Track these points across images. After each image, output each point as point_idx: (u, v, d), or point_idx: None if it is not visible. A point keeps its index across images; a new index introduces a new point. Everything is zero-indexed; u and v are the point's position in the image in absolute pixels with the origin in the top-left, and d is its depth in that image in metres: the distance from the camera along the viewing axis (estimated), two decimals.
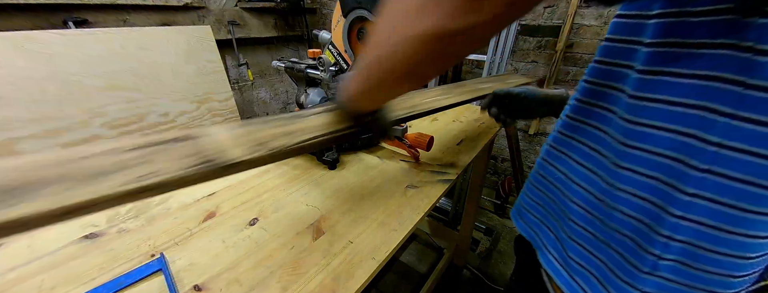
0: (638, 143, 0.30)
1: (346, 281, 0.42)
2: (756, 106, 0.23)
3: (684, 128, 0.27)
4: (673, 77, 0.27)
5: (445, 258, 1.31)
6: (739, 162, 0.25)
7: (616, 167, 0.32)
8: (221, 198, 0.59)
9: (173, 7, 1.59)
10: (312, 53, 0.70)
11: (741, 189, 0.25)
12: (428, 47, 0.21)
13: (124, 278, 0.42)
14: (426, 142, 0.69)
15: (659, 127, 0.29)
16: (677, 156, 0.28)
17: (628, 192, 0.32)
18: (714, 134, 0.25)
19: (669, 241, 0.30)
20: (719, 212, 0.27)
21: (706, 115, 0.26)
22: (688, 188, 0.27)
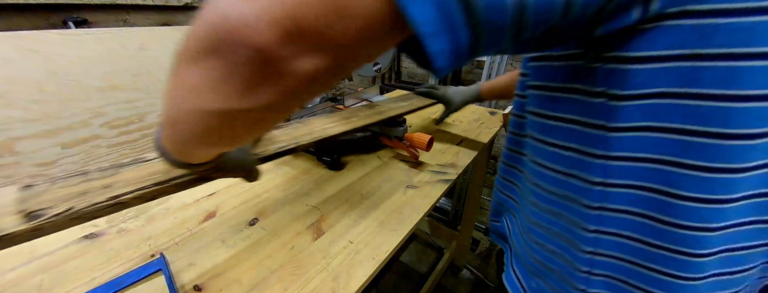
0: (538, 181, 0.32)
1: (346, 281, 0.42)
2: (623, 146, 0.24)
3: (567, 168, 0.28)
4: (549, 120, 0.28)
5: (445, 258, 1.31)
6: (624, 196, 0.25)
7: (527, 202, 0.34)
8: (221, 198, 0.59)
9: (173, 7, 1.59)
10: None
11: (639, 222, 0.26)
12: (211, 122, 0.18)
13: (124, 278, 0.42)
14: (426, 142, 0.69)
15: (549, 168, 0.30)
16: (567, 194, 0.28)
17: (541, 226, 0.33)
18: (595, 174, 0.26)
19: (589, 276, 0.30)
20: (626, 246, 0.27)
21: (582, 157, 0.26)
22: (590, 226, 0.28)
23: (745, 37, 0.18)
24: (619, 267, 0.28)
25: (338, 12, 0.13)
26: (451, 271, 1.43)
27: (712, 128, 0.20)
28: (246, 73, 0.14)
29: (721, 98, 0.19)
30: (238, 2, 0.13)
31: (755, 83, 0.19)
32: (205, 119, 0.18)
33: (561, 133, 0.27)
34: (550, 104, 0.27)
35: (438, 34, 0.14)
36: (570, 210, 0.29)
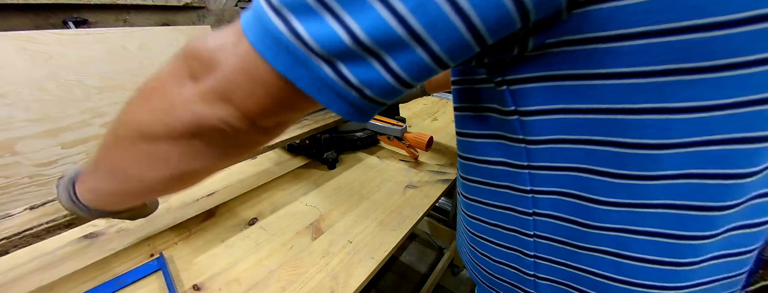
0: (474, 197, 0.33)
1: (346, 280, 0.42)
2: (542, 157, 0.25)
3: (499, 181, 0.29)
4: (476, 138, 0.29)
5: (445, 258, 1.31)
6: (550, 202, 0.27)
7: (467, 218, 0.36)
8: (221, 198, 0.59)
9: (173, 7, 1.59)
10: None
11: (566, 226, 0.27)
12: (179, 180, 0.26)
13: (123, 277, 0.42)
14: (425, 142, 0.69)
15: (482, 182, 0.31)
16: (504, 204, 0.30)
17: (484, 239, 0.34)
18: (524, 183, 0.27)
19: (536, 280, 0.31)
20: (558, 249, 0.28)
21: (511, 169, 0.27)
22: (529, 231, 0.29)
23: (632, 60, 0.18)
24: (558, 271, 0.29)
25: (278, 113, 0.21)
26: (451, 271, 1.43)
27: (614, 137, 0.21)
28: (211, 136, 0.22)
29: (616, 111, 0.21)
30: (214, 109, 0.20)
31: (644, 98, 0.20)
32: (166, 152, 0.23)
33: (489, 149, 0.28)
34: (476, 124, 0.29)
35: (346, 111, 0.20)
36: (509, 219, 0.30)
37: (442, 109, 1.10)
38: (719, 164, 0.21)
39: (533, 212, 0.28)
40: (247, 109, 0.20)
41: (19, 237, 0.36)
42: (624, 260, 0.25)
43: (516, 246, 0.31)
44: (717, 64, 0.17)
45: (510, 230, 0.30)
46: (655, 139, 0.20)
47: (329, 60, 0.18)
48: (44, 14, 1.26)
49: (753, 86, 0.18)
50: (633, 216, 0.24)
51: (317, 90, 0.19)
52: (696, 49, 0.17)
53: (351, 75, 0.18)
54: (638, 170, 0.22)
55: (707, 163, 0.21)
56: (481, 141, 0.29)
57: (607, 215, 0.24)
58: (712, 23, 0.16)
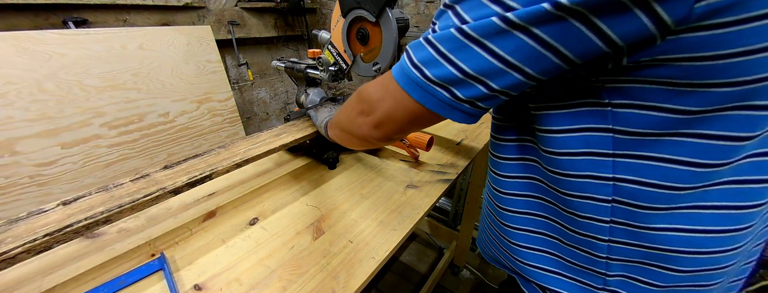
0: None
1: (346, 280, 0.42)
2: (626, 147, 0.30)
3: (580, 171, 0.32)
4: (555, 134, 0.33)
5: (445, 258, 1.31)
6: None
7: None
8: (221, 198, 0.59)
9: (173, 7, 1.59)
10: (312, 53, 0.70)
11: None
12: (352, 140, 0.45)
13: (124, 277, 0.42)
14: (425, 142, 0.69)
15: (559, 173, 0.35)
16: (584, 194, 0.33)
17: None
18: (607, 171, 0.31)
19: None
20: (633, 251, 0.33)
21: (594, 158, 0.31)
22: (604, 236, 0.33)
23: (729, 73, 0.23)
24: (630, 251, 0.33)
25: (407, 130, 0.37)
26: (451, 271, 1.43)
27: (702, 130, 0.26)
28: (367, 141, 0.41)
29: (702, 112, 0.26)
30: (370, 131, 0.38)
31: (730, 100, 0.25)
32: (347, 138, 0.47)
33: (574, 141, 0.32)
34: (561, 120, 0.32)
35: (462, 118, 0.31)
36: (586, 207, 0.33)
37: None
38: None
39: (613, 199, 0.31)
40: (388, 132, 0.37)
41: (62, 233, 0.37)
42: (694, 234, 0.29)
43: (590, 232, 0.33)
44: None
45: (584, 217, 0.33)
46: (740, 132, 0.25)
47: (445, 87, 0.28)
48: (44, 14, 1.26)
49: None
50: (703, 194, 0.28)
51: (438, 107, 0.30)
52: (756, 66, 0.22)
53: (461, 95, 0.28)
54: (718, 159, 0.26)
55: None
56: (564, 136, 0.31)
57: (679, 198, 0.28)
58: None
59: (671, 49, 0.22)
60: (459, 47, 0.26)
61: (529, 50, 0.24)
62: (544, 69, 0.25)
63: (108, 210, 0.40)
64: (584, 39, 0.22)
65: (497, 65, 0.25)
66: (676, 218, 0.29)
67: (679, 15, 0.20)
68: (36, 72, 1.10)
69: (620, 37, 0.22)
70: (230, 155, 0.54)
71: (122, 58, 1.28)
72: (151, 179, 0.47)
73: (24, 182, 1.12)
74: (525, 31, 0.23)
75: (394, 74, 0.32)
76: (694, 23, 0.21)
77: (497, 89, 0.27)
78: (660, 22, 0.21)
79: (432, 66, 0.28)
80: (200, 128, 1.55)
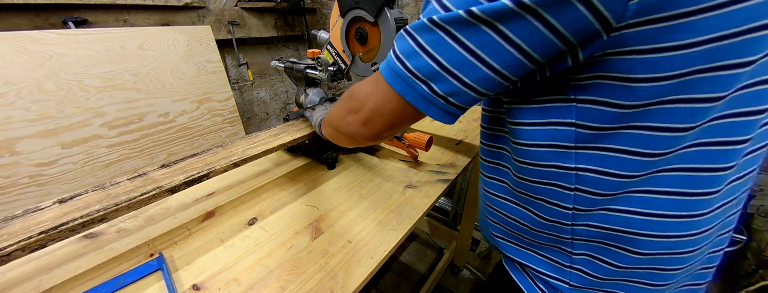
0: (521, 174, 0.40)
1: (345, 280, 0.42)
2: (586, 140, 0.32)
3: (544, 161, 0.35)
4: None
5: (445, 258, 1.31)
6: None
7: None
8: (220, 198, 0.59)
9: (173, 7, 1.59)
10: (311, 53, 0.70)
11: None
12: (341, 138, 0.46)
13: (123, 277, 0.42)
14: (425, 142, 0.69)
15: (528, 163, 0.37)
16: (550, 181, 0.36)
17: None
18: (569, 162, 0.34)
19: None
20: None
21: (557, 150, 0.34)
22: (567, 221, 0.36)
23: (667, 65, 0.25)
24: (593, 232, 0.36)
25: (393, 128, 0.37)
26: (451, 271, 1.43)
27: (648, 123, 0.29)
28: (355, 140, 0.42)
29: (648, 105, 0.28)
30: (358, 129, 0.39)
31: (670, 92, 0.27)
32: (337, 136, 0.47)
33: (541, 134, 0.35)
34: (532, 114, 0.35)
35: (438, 115, 0.32)
36: (554, 194, 0.36)
37: None
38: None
39: (575, 187, 0.33)
40: (376, 129, 0.38)
41: (57, 231, 0.37)
42: (649, 217, 0.32)
43: (556, 218, 0.36)
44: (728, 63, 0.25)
45: (551, 203, 0.36)
46: (679, 123, 0.27)
47: (425, 81, 0.30)
48: (44, 14, 1.26)
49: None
50: (653, 180, 0.30)
51: (416, 101, 0.31)
52: (708, 56, 0.24)
53: (437, 89, 0.30)
54: (661, 149, 0.28)
55: (714, 134, 0.28)
56: (532, 129, 0.34)
57: (632, 184, 0.31)
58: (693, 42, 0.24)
59: (615, 44, 0.24)
60: (434, 39, 0.28)
61: (495, 46, 0.26)
62: (511, 65, 0.27)
63: (104, 208, 0.40)
64: (542, 36, 0.24)
65: (467, 58, 0.27)
66: (632, 201, 0.31)
67: (616, 11, 0.23)
68: (36, 72, 1.10)
69: (570, 32, 0.24)
70: (228, 154, 0.54)
71: (122, 58, 1.28)
72: (148, 178, 0.47)
73: (24, 182, 1.12)
74: (489, 26, 0.25)
75: (381, 67, 0.33)
76: (632, 20, 0.23)
77: (468, 82, 0.28)
78: (601, 17, 0.23)
79: (412, 57, 0.30)
80: (200, 128, 1.55)
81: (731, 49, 0.23)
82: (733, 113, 0.27)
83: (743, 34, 0.23)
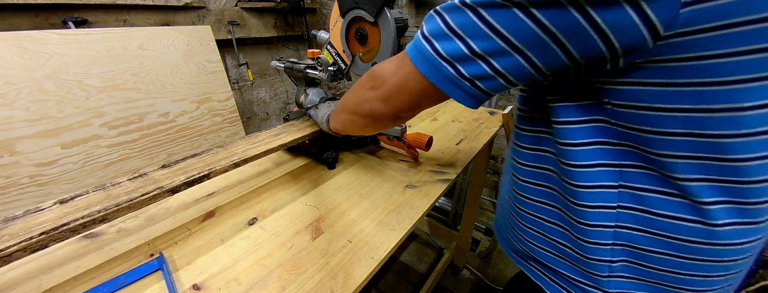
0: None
1: (345, 280, 0.42)
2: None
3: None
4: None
5: (445, 258, 1.31)
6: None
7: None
8: (221, 198, 0.59)
9: (173, 7, 1.59)
10: (311, 53, 0.70)
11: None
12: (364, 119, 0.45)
13: (123, 277, 0.42)
14: (425, 142, 0.69)
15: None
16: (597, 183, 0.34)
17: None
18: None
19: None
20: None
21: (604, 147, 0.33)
22: (611, 223, 0.34)
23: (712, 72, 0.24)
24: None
25: (414, 108, 0.38)
26: (451, 271, 1.43)
27: (697, 130, 0.27)
28: (373, 119, 0.43)
29: (696, 110, 0.26)
30: (378, 105, 0.40)
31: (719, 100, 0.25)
32: (352, 120, 0.48)
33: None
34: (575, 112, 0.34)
35: (468, 100, 0.32)
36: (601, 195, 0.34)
37: (441, 109, 1.10)
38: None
39: (619, 184, 0.32)
40: (396, 108, 0.38)
41: (58, 232, 0.37)
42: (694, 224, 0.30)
43: (597, 221, 0.34)
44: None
45: (593, 207, 0.34)
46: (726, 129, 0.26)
47: (451, 62, 0.29)
48: (44, 14, 1.26)
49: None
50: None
51: (442, 82, 0.31)
52: (755, 64, 0.23)
53: (464, 71, 0.29)
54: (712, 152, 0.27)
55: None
56: (574, 127, 0.33)
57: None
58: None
59: (663, 51, 0.24)
60: (466, 23, 0.27)
61: (530, 33, 0.25)
62: (549, 62, 0.26)
63: (105, 209, 0.40)
64: (584, 34, 0.24)
65: (501, 45, 0.26)
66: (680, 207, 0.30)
67: (666, 17, 0.22)
68: (36, 72, 1.10)
69: (616, 37, 0.23)
70: (228, 154, 0.54)
71: (122, 58, 1.28)
72: (149, 178, 0.47)
73: (24, 182, 1.12)
74: (523, 10, 0.24)
75: (408, 47, 0.33)
76: (681, 29, 0.22)
77: (499, 69, 0.28)
78: (649, 23, 0.22)
79: (442, 40, 0.29)
80: (200, 128, 1.55)
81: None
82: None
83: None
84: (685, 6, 0.21)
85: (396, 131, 0.70)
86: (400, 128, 0.71)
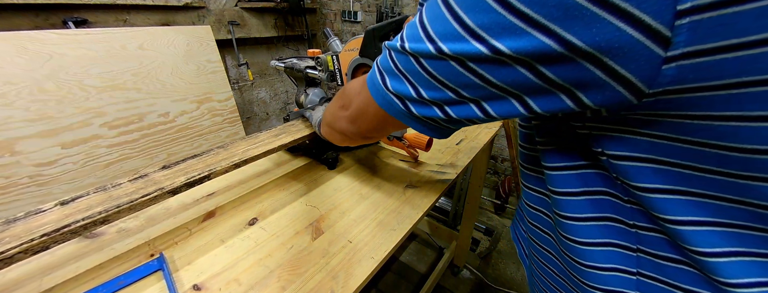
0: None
1: (345, 280, 0.42)
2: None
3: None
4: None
5: (445, 257, 1.31)
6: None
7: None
8: (221, 198, 0.59)
9: (173, 7, 1.59)
10: (312, 53, 0.70)
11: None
12: (337, 135, 0.45)
13: (123, 277, 0.42)
14: (425, 142, 0.69)
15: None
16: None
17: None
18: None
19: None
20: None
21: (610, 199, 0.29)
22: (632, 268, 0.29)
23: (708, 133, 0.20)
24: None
25: (379, 130, 0.38)
26: (451, 271, 1.43)
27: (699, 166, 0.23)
28: (346, 136, 0.43)
29: (689, 167, 0.22)
30: (347, 126, 0.40)
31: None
32: (331, 133, 0.48)
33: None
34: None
35: (429, 133, 0.31)
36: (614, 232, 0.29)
37: None
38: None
39: (634, 224, 0.27)
40: (362, 128, 0.38)
41: (59, 234, 0.37)
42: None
43: (619, 265, 0.29)
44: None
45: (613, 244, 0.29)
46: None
47: (403, 101, 0.28)
48: (44, 14, 1.26)
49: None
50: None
51: (398, 115, 0.30)
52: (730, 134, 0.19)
53: (416, 112, 0.28)
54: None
55: None
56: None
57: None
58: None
59: (651, 106, 0.20)
60: (410, 69, 0.26)
61: (476, 86, 0.22)
62: (508, 113, 0.23)
63: (106, 210, 0.40)
64: (539, 89, 0.20)
65: (450, 95, 0.25)
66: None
67: (645, 75, 0.18)
68: (36, 72, 1.10)
69: (581, 91, 0.20)
70: (229, 155, 0.54)
71: (122, 58, 1.28)
72: (150, 180, 0.47)
73: (24, 182, 1.12)
74: (461, 64, 0.22)
75: (368, 76, 0.32)
76: (670, 86, 0.18)
77: (453, 116, 0.26)
78: (623, 80, 0.18)
79: (392, 77, 0.28)
80: (200, 128, 1.55)
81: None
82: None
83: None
84: (669, 62, 0.17)
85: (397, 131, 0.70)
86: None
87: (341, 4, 2.21)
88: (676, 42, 0.16)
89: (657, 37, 0.16)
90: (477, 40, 0.20)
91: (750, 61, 0.16)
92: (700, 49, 0.16)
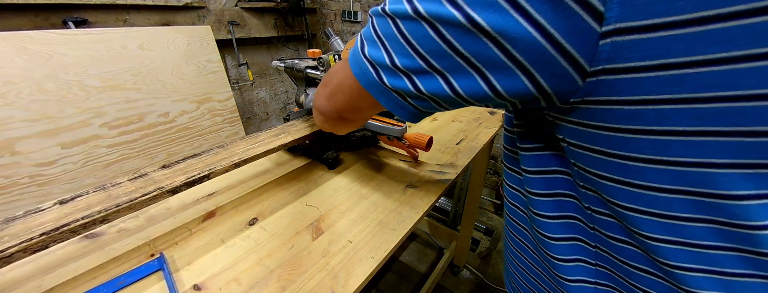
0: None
1: (345, 280, 0.42)
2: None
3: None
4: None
5: (445, 258, 1.31)
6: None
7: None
8: (221, 198, 0.59)
9: (173, 7, 1.59)
10: (312, 53, 0.70)
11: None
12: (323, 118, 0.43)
13: (123, 277, 0.42)
14: (425, 142, 0.69)
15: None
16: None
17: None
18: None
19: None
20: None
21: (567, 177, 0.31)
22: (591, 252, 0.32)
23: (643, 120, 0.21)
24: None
25: (353, 109, 0.37)
26: (451, 271, 1.43)
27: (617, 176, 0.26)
28: (323, 116, 0.42)
29: (618, 156, 0.24)
30: (324, 102, 0.39)
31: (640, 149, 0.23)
32: (318, 117, 0.45)
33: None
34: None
35: (398, 111, 0.31)
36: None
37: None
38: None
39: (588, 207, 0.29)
40: (337, 106, 0.37)
41: (58, 233, 0.37)
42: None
43: (580, 256, 0.32)
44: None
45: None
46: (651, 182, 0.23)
47: (376, 69, 0.28)
48: (44, 14, 1.26)
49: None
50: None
51: (370, 86, 0.30)
52: (685, 113, 0.19)
53: (387, 82, 0.28)
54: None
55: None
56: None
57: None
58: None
59: (593, 91, 0.20)
60: (387, 33, 0.26)
61: (443, 53, 0.23)
62: (472, 94, 0.24)
63: (105, 210, 0.40)
64: (498, 62, 0.21)
65: (421, 64, 0.24)
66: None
67: (583, 48, 0.18)
68: (36, 72, 1.10)
69: (533, 66, 0.20)
70: (229, 155, 0.54)
71: (122, 58, 1.28)
72: (149, 179, 0.47)
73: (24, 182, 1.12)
74: (432, 26, 0.22)
75: (349, 54, 0.33)
76: (607, 65, 0.19)
77: (423, 90, 0.26)
78: (566, 53, 0.19)
79: (370, 43, 0.28)
80: (200, 128, 1.55)
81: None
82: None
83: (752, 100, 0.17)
84: (605, 37, 0.17)
85: (396, 131, 0.70)
86: (400, 128, 0.71)
87: (341, 4, 2.21)
88: (608, 17, 0.17)
89: (591, 10, 0.17)
90: (452, 5, 0.21)
91: (673, 41, 0.16)
92: (631, 26, 0.17)
